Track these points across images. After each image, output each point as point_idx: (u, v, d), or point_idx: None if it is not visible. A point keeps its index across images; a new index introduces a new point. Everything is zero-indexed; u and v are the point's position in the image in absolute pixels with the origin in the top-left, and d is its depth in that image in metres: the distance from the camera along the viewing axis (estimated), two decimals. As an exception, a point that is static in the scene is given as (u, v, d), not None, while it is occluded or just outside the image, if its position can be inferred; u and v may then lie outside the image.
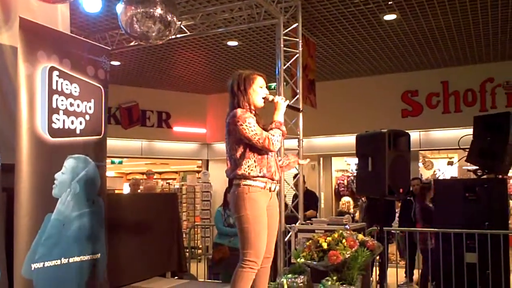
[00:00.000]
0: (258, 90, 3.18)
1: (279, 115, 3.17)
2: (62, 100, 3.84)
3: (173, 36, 6.05)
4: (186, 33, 6.60)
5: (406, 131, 5.15)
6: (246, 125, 3.00)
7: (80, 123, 4.01)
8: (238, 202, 3.06)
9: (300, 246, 4.34)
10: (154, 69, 9.32)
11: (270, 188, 3.14)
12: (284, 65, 5.87)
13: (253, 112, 3.17)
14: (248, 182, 3.05)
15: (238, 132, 3.03)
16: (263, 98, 3.18)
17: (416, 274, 6.84)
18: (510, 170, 5.70)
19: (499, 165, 5.16)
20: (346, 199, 9.00)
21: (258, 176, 3.06)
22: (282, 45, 5.83)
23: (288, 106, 3.25)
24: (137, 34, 5.10)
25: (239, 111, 3.05)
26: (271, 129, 3.10)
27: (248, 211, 3.02)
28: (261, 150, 3.07)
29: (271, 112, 3.25)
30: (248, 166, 3.05)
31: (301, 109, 3.53)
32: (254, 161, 3.06)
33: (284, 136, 3.24)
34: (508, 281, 4.84)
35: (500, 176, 5.34)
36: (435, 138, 9.35)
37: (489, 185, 5.04)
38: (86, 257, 3.97)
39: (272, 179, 3.14)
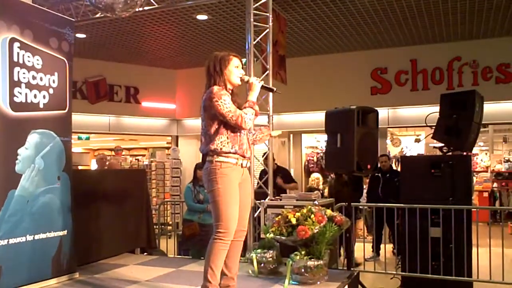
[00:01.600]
0: (234, 70, 3.30)
1: (253, 95, 3.27)
2: (24, 73, 3.70)
3: (140, 9, 5.88)
4: (154, 5, 6.43)
5: (375, 108, 5.19)
6: (221, 102, 3.11)
7: (44, 97, 3.89)
8: (210, 177, 3.19)
9: (270, 222, 4.37)
10: (122, 42, 9.09)
11: (241, 164, 3.26)
12: (254, 40, 5.80)
13: (230, 91, 3.29)
14: (220, 158, 3.18)
15: (213, 108, 3.13)
16: (238, 77, 3.30)
17: (382, 248, 7.00)
18: (474, 148, 5.82)
19: (464, 142, 5.26)
20: (315, 175, 9.06)
21: (230, 152, 3.18)
22: (252, 20, 5.74)
23: (263, 87, 3.35)
24: (102, 5, 4.94)
25: (215, 88, 3.17)
26: (245, 108, 3.21)
27: (219, 185, 3.16)
28: (234, 128, 3.19)
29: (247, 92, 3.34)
30: (221, 142, 3.18)
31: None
32: (227, 137, 3.19)
33: (257, 116, 3.31)
34: (471, 255, 5.00)
35: (465, 153, 5.45)
36: (403, 116, 9.49)
37: (454, 162, 5.14)
38: (52, 234, 3.91)
39: (244, 156, 3.27)
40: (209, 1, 6.40)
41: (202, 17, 7.68)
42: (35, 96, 3.80)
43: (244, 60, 6.54)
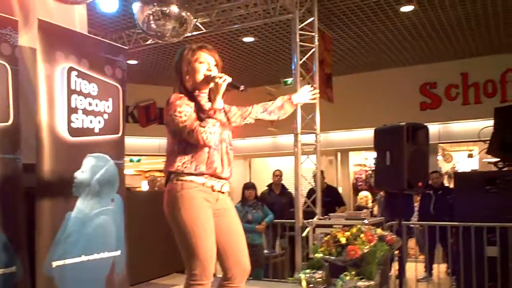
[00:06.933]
0: (198, 67, 2.61)
1: (218, 100, 2.52)
2: (81, 100, 3.88)
3: (189, 34, 6.08)
4: (202, 30, 6.63)
5: (425, 124, 5.09)
6: (176, 114, 2.48)
7: (99, 122, 4.06)
8: (170, 202, 2.55)
9: (318, 241, 4.34)
10: (171, 67, 9.35)
11: (213, 186, 2.56)
12: (300, 60, 5.85)
13: (200, 95, 2.64)
14: (182, 177, 2.53)
15: (169, 122, 2.55)
16: (205, 76, 2.60)
17: (435, 268, 6.78)
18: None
19: (520, 157, 5.08)
20: (364, 193, 8.93)
21: (192, 174, 2.52)
22: (298, 40, 5.81)
23: (229, 85, 2.57)
24: (153, 32, 5.14)
25: (172, 97, 2.54)
26: (204, 119, 2.48)
27: (182, 212, 2.47)
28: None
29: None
30: (183, 163, 2.53)
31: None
32: (192, 156, 2.53)
33: (226, 126, 2.65)
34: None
35: (522, 168, 5.26)
36: (454, 131, 9.23)
37: (510, 177, 4.96)
38: (106, 254, 4.03)
39: (216, 177, 2.58)
40: (255, 24, 6.53)
41: (248, 39, 7.83)
42: (91, 121, 3.98)
43: (289, 79, 6.62)
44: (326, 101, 6.57)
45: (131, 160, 13.39)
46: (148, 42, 6.95)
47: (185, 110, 2.48)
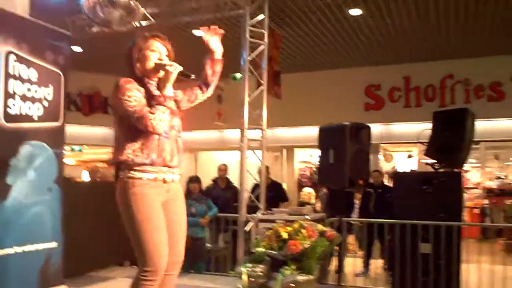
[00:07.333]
0: (149, 55, 2.58)
1: (168, 88, 2.51)
2: (19, 85, 3.73)
3: (137, 24, 5.95)
4: (151, 20, 6.49)
5: (369, 124, 5.24)
6: (125, 98, 2.41)
7: (38, 109, 3.91)
8: (122, 200, 2.49)
9: (261, 236, 4.39)
10: (118, 56, 9.11)
11: (164, 179, 2.53)
12: (250, 57, 5.87)
13: (150, 82, 2.58)
14: (132, 174, 2.46)
15: (118, 106, 2.46)
16: (156, 64, 2.58)
17: (373, 264, 7.01)
18: (466, 164, 5.87)
19: (455, 159, 5.32)
20: (307, 190, 9.06)
21: (144, 164, 2.46)
22: (248, 36, 5.82)
23: (180, 73, 2.58)
24: (99, 19, 5.00)
25: (122, 80, 2.48)
26: (153, 105, 2.44)
27: (135, 209, 2.43)
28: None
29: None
30: (133, 151, 2.46)
31: (192, 77, 2.60)
32: (142, 143, 2.46)
33: (175, 114, 2.63)
34: (459, 271, 5.02)
35: (456, 170, 5.50)
36: (395, 132, 9.56)
37: (445, 178, 5.19)
38: (41, 246, 3.89)
39: (167, 166, 2.53)
40: (205, 17, 6.48)
41: (199, 32, 7.73)
42: (29, 108, 3.82)
43: (238, 74, 6.62)
44: (274, 98, 6.62)
45: (72, 149, 12.98)
46: (94, 29, 6.73)
47: (134, 94, 2.43)
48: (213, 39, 2.89)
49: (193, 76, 2.61)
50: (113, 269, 5.06)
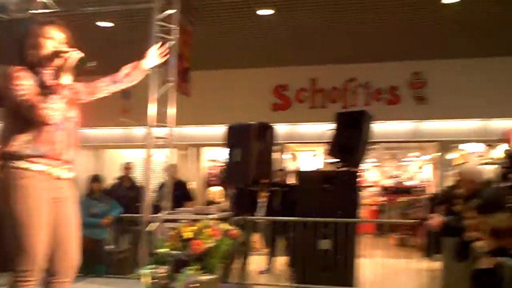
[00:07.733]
0: (44, 42, 2.46)
1: (64, 77, 2.42)
2: None
3: (36, 11, 5.59)
4: (53, 9, 6.12)
5: (276, 124, 5.35)
6: (15, 87, 2.30)
7: None
8: (3, 191, 2.32)
9: (164, 236, 4.31)
10: (12, 45, 8.51)
11: (55, 173, 2.40)
12: (158, 51, 5.74)
13: (44, 71, 2.45)
14: (19, 163, 2.31)
15: (7, 95, 2.33)
16: (51, 51, 2.46)
17: (277, 261, 7.16)
18: (366, 164, 6.17)
19: (353, 158, 5.59)
20: (213, 188, 9.11)
21: (34, 156, 2.32)
22: (156, 31, 5.69)
23: (79, 60, 2.50)
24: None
25: (12, 69, 2.37)
26: (47, 94, 2.34)
27: (16, 202, 2.28)
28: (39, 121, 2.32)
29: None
30: (22, 142, 2.32)
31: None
32: (32, 135, 2.33)
33: (72, 104, 2.51)
34: (353, 265, 5.26)
35: (353, 169, 5.77)
36: (301, 132, 9.85)
37: (344, 177, 5.44)
38: None
39: (59, 160, 2.40)
40: (112, 9, 6.24)
41: (106, 24, 7.46)
42: None
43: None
44: (182, 95, 6.52)
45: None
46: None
47: (25, 83, 2.32)
48: (155, 56, 3.03)
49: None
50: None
